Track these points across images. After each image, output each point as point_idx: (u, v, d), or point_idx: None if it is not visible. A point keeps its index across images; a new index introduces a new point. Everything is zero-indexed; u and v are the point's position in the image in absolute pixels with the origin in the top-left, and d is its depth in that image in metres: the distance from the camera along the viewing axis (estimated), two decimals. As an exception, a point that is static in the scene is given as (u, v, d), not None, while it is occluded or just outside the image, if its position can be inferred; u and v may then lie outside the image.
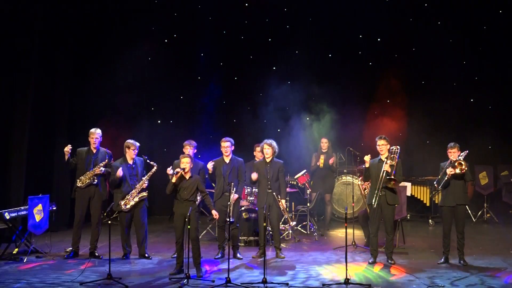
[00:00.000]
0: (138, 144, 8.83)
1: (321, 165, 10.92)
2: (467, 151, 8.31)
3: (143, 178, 8.73)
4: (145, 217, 8.85)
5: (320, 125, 12.18)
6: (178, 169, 7.67)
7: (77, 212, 8.82)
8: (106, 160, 8.76)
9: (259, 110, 12.55)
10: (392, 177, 8.21)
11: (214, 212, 8.01)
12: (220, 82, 12.97)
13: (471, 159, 8.50)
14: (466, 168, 8.19)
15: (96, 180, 8.72)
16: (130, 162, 8.80)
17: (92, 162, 8.76)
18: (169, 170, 7.96)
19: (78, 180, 8.73)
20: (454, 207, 8.32)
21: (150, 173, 8.78)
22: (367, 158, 8.46)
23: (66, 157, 8.72)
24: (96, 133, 8.83)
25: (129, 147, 8.77)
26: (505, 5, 12.45)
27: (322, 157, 10.94)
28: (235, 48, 13.04)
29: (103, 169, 8.72)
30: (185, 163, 7.67)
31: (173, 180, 7.66)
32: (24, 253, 8.82)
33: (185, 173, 7.69)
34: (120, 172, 8.56)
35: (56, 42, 11.21)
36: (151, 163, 8.82)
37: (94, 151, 8.84)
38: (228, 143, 8.80)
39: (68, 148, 8.71)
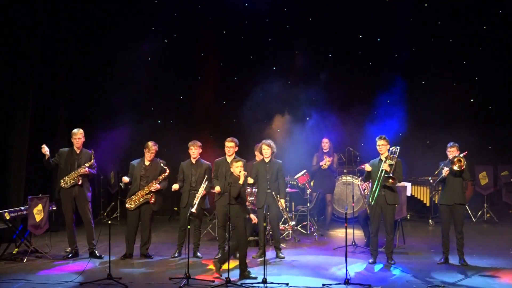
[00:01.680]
0: (155, 147, 8.82)
1: (325, 166, 10.93)
2: (466, 152, 8.32)
3: (154, 180, 8.75)
4: (151, 219, 8.89)
5: (320, 125, 12.18)
6: (245, 172, 7.70)
7: (66, 213, 8.79)
8: (92, 161, 8.72)
9: (259, 110, 12.55)
10: (391, 175, 8.21)
11: (252, 216, 8.20)
12: (220, 82, 12.97)
13: (471, 159, 8.51)
14: (464, 165, 8.19)
15: (80, 181, 8.69)
16: (147, 163, 8.82)
17: (76, 162, 8.74)
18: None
19: (62, 181, 8.68)
20: (452, 206, 8.33)
21: (160, 177, 8.79)
22: (368, 167, 8.46)
23: (47, 157, 8.67)
24: (78, 133, 8.78)
25: (146, 148, 8.81)
26: (505, 5, 12.45)
27: (327, 158, 10.94)
28: (235, 48, 13.04)
29: (87, 169, 8.68)
30: (240, 166, 7.71)
31: (241, 181, 7.64)
32: (24, 253, 8.80)
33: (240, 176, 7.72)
34: (126, 179, 8.72)
35: (56, 43, 11.20)
36: (165, 167, 8.83)
37: (78, 151, 8.79)
38: (232, 144, 8.81)
39: (45, 150, 8.64)
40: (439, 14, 12.68)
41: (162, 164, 8.86)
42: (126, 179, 8.77)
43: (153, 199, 8.74)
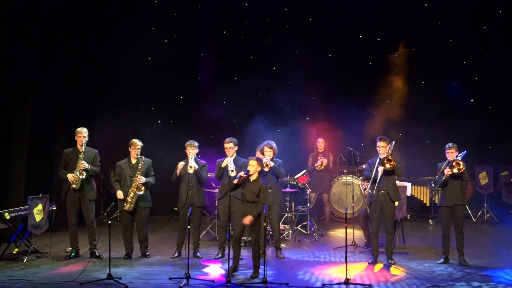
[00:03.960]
0: (140, 143, 8.80)
1: (321, 167, 10.94)
2: (465, 152, 8.32)
3: (137, 174, 8.68)
4: (147, 217, 8.87)
5: (320, 125, 12.18)
6: (242, 173, 7.72)
7: (69, 213, 8.77)
8: (83, 158, 8.62)
9: (259, 110, 12.55)
10: (389, 157, 8.23)
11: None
12: (220, 82, 12.97)
13: (471, 159, 8.50)
14: (463, 168, 8.19)
15: (84, 175, 8.61)
16: (133, 162, 8.80)
17: (78, 160, 8.66)
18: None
19: (71, 182, 8.62)
20: (453, 207, 8.33)
21: (139, 167, 8.71)
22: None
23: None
24: (83, 132, 8.73)
25: (130, 146, 8.77)
26: (505, 5, 12.45)
27: (321, 159, 10.95)
28: (235, 48, 13.04)
29: (86, 164, 8.59)
30: (251, 165, 7.71)
31: (235, 181, 7.71)
32: (24, 253, 8.81)
33: (250, 175, 7.71)
34: (121, 195, 8.69)
35: (57, 42, 11.20)
36: (140, 156, 8.77)
37: (81, 150, 8.73)
38: (230, 144, 8.76)
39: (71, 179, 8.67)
40: (439, 14, 12.67)
41: (138, 156, 8.81)
42: (121, 194, 8.70)
43: (142, 188, 8.64)
